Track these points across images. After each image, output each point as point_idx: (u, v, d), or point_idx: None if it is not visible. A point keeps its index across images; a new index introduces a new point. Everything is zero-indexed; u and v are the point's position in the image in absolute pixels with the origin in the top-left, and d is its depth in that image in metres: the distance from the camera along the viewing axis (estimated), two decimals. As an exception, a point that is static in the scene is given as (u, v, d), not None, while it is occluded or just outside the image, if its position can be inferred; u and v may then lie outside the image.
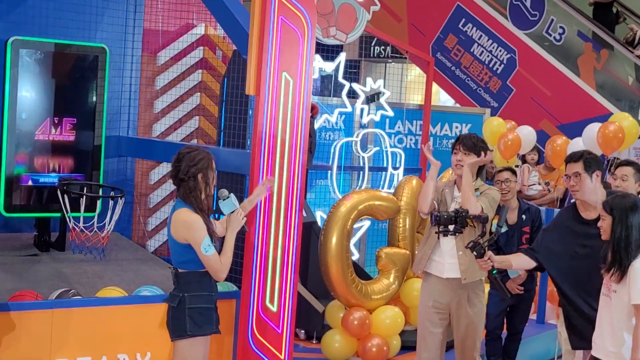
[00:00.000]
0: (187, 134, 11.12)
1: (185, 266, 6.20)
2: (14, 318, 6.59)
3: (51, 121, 9.77)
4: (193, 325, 6.16)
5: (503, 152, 11.64)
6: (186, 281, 6.20)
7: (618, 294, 6.05)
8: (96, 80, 10.08)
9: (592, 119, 13.20)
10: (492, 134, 11.78)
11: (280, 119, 7.35)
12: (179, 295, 6.19)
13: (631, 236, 6.02)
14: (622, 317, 6.04)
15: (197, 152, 6.27)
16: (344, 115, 10.94)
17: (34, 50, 9.66)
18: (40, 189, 9.76)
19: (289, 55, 7.38)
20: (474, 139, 7.29)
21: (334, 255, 8.31)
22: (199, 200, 6.20)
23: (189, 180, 6.18)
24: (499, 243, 8.64)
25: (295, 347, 8.27)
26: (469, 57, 14.74)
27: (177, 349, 6.24)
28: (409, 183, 8.89)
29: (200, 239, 6.08)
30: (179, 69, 11.12)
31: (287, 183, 7.41)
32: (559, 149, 11.49)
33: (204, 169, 6.22)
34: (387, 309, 8.58)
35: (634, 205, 6.10)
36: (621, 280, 6.01)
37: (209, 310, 6.27)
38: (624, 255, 6.01)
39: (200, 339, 6.23)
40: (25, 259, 9.35)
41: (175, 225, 6.17)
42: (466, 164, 7.13)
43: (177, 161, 6.28)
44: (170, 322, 6.25)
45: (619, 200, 6.15)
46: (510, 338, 8.94)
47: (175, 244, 6.21)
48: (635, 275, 5.95)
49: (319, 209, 10.48)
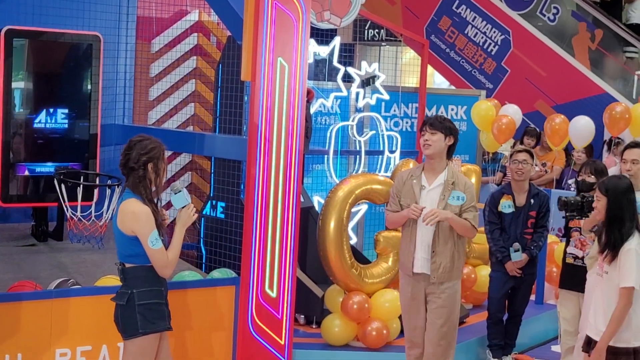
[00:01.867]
0: (183, 120, 11.10)
1: (132, 260, 5.95)
2: (14, 308, 6.59)
3: (46, 110, 9.75)
4: (145, 322, 5.92)
5: (497, 136, 11.63)
6: (134, 276, 5.95)
7: (609, 276, 6.18)
8: (91, 69, 10.06)
9: (587, 98, 13.22)
10: (481, 118, 11.77)
11: (276, 104, 7.33)
12: (127, 292, 5.93)
13: (625, 218, 6.11)
14: (612, 298, 6.16)
15: (150, 141, 6.03)
16: (339, 99, 10.92)
17: (27, 39, 9.62)
18: (36, 179, 9.76)
19: (284, 40, 7.36)
20: (440, 119, 7.20)
21: (332, 240, 8.31)
22: (148, 190, 5.97)
23: (138, 169, 5.94)
24: (504, 223, 8.66)
25: (295, 332, 8.28)
26: (463, 39, 14.71)
27: (128, 348, 6.01)
28: (406, 166, 8.87)
29: (148, 232, 5.84)
30: (174, 56, 11.10)
31: (284, 168, 7.40)
32: (557, 127, 11.48)
33: (155, 159, 5.98)
34: (386, 292, 8.58)
35: (628, 188, 6.19)
36: (612, 262, 6.12)
37: (159, 306, 6.02)
38: (617, 236, 6.10)
39: (152, 336, 5.99)
40: (24, 249, 9.35)
41: (123, 216, 5.90)
42: (444, 216, 6.95)
43: (127, 149, 6.02)
44: (120, 320, 5.99)
45: (614, 181, 6.26)
46: (512, 320, 8.96)
47: (121, 236, 5.94)
48: (625, 257, 6.06)
49: (316, 194, 10.47)
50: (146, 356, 6.00)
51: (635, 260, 6.05)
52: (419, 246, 7.12)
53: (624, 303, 6.07)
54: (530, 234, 8.71)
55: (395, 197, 7.25)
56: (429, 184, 7.14)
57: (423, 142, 7.14)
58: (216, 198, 9.86)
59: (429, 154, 7.10)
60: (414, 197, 7.11)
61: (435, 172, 7.15)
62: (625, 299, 6.06)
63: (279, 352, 7.58)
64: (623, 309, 6.08)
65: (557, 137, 11.43)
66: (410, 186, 7.18)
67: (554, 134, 11.51)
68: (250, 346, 7.45)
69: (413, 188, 7.15)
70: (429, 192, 7.12)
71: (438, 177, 7.13)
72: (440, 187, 7.09)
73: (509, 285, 8.77)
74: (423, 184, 7.15)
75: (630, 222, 6.15)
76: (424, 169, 7.21)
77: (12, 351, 6.56)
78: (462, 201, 7.06)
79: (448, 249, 7.07)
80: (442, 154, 7.14)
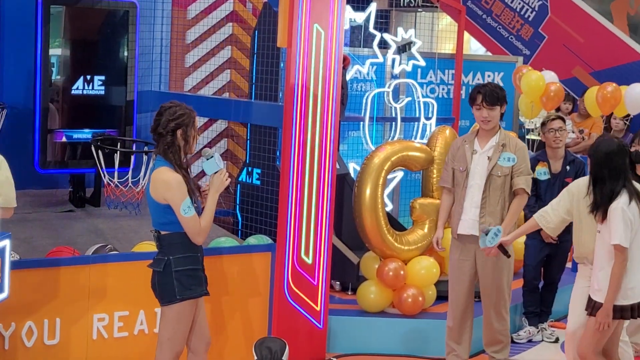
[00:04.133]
0: (219, 87, 11.11)
1: (166, 227, 5.94)
2: (52, 274, 6.65)
3: (83, 77, 9.79)
4: (182, 288, 5.93)
5: (545, 104, 11.52)
6: (169, 243, 5.94)
7: (602, 235, 6.32)
8: (127, 36, 10.08)
9: (626, 65, 13.06)
10: (531, 88, 11.63)
11: (312, 71, 7.32)
12: (163, 258, 5.94)
13: (613, 178, 6.23)
14: (604, 256, 6.32)
15: (179, 108, 6.01)
16: (375, 66, 10.87)
17: (64, 6, 9.65)
18: (74, 145, 9.82)
19: (320, 6, 7.33)
20: (495, 92, 7.18)
21: (368, 207, 8.31)
22: (178, 157, 5.96)
23: (167, 135, 5.94)
24: (539, 190, 8.62)
25: (331, 298, 8.31)
26: (500, 5, 14.56)
27: (166, 314, 6.03)
28: (442, 133, 8.83)
29: (180, 200, 5.82)
30: (210, 22, 11.09)
31: (320, 135, 7.40)
32: (609, 96, 11.25)
33: (184, 125, 5.96)
34: (422, 259, 8.58)
35: (617, 149, 6.30)
36: (603, 221, 6.27)
37: (196, 272, 6.03)
38: (602, 196, 6.25)
39: (189, 302, 6.01)
40: (61, 215, 9.42)
41: (155, 184, 5.90)
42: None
43: (158, 115, 6.03)
44: (157, 287, 6.01)
45: (599, 142, 6.42)
46: (547, 288, 8.94)
47: (155, 204, 5.95)
48: (614, 215, 6.19)
49: (351, 161, 10.46)
50: (183, 322, 6.03)
51: (622, 218, 6.17)
52: (467, 207, 7.20)
53: (619, 260, 6.21)
54: (566, 201, 8.66)
55: (449, 163, 7.36)
56: (481, 148, 7.24)
57: (481, 118, 7.16)
58: (252, 165, 9.88)
59: (489, 129, 7.15)
60: (466, 162, 7.22)
61: (487, 136, 7.25)
62: (619, 256, 6.21)
63: (314, 318, 7.62)
64: (619, 266, 6.21)
65: (608, 105, 11.27)
66: (463, 151, 7.28)
67: (606, 102, 11.33)
68: (286, 312, 7.49)
69: (465, 153, 7.25)
70: (480, 155, 7.23)
71: (490, 141, 7.22)
72: (490, 150, 7.14)
73: (544, 252, 8.74)
74: (475, 148, 7.25)
75: (612, 182, 6.25)
76: (478, 134, 7.30)
77: (51, 316, 6.63)
78: (513, 162, 7.13)
79: (498, 210, 7.12)
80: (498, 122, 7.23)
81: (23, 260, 6.85)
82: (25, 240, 8.19)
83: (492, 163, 7.15)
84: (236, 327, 7.47)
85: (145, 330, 7.03)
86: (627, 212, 6.20)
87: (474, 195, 7.21)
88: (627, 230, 6.18)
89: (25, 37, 9.58)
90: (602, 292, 6.31)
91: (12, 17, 9.83)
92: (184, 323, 6.05)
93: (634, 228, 6.22)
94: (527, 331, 8.85)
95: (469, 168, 7.22)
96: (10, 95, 9.75)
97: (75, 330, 6.75)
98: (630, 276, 6.28)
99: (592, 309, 6.39)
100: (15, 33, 9.80)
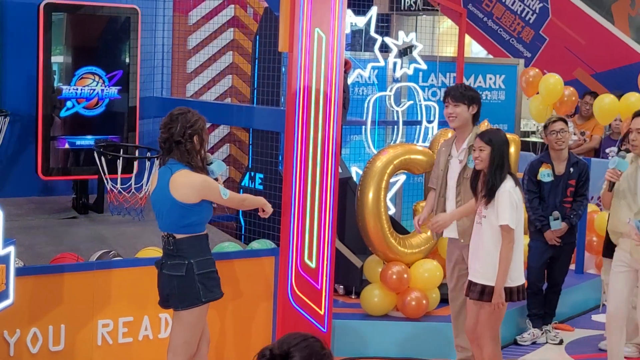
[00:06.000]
0: (221, 92, 11.12)
1: (185, 230, 5.99)
2: (56, 280, 6.66)
3: (86, 84, 9.80)
4: (205, 291, 5.99)
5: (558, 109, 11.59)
6: (189, 246, 6.00)
7: (488, 219, 6.66)
8: (129, 42, 10.08)
9: (628, 66, 13.07)
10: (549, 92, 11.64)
11: (314, 75, 7.33)
12: (183, 262, 5.97)
13: (504, 164, 6.66)
14: (491, 238, 6.64)
15: (192, 114, 6.07)
16: (376, 69, 10.89)
17: (65, 13, 9.66)
18: (77, 152, 9.80)
19: (321, 10, 7.33)
20: (461, 89, 7.36)
21: (370, 211, 8.32)
22: (197, 160, 6.03)
23: (186, 142, 5.98)
24: (543, 192, 8.64)
25: (335, 302, 8.31)
26: (500, 8, 14.59)
27: (185, 318, 6.03)
28: (444, 136, 8.84)
29: (216, 190, 6.02)
30: (211, 28, 11.10)
31: (322, 139, 7.40)
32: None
33: (200, 130, 6.04)
34: (425, 262, 8.59)
35: (507, 140, 6.81)
36: (489, 204, 6.62)
37: (215, 274, 6.12)
38: (497, 180, 6.62)
39: (207, 305, 6.07)
40: (65, 221, 9.42)
41: (180, 188, 5.93)
42: (443, 221, 7.24)
43: (170, 123, 6.04)
44: (178, 292, 6.00)
45: (495, 133, 6.85)
46: (551, 290, 8.95)
47: (178, 206, 5.95)
48: (501, 197, 6.58)
49: (354, 165, 10.47)
50: (199, 325, 6.12)
51: (509, 200, 6.55)
52: (448, 211, 7.32)
53: (506, 241, 6.56)
54: (569, 203, 8.68)
55: (435, 166, 7.44)
56: (456, 151, 7.34)
57: (447, 115, 7.27)
58: (254, 169, 9.89)
59: (455, 126, 7.26)
60: (443, 166, 7.38)
61: (461, 140, 7.36)
62: (506, 237, 6.55)
63: (318, 322, 7.61)
64: (507, 247, 6.56)
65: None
66: (440, 156, 7.46)
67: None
68: (290, 316, 7.49)
69: (441, 157, 7.42)
70: (454, 159, 7.35)
71: (463, 144, 7.31)
72: (462, 153, 7.25)
73: (548, 254, 8.75)
74: (451, 153, 7.36)
75: (506, 168, 6.69)
76: (456, 137, 7.41)
77: (56, 322, 6.64)
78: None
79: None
80: (468, 123, 7.30)
81: (27, 267, 6.85)
82: (29, 247, 8.19)
83: (461, 165, 7.26)
84: (240, 331, 7.48)
85: (150, 336, 7.04)
86: (514, 195, 6.59)
87: (451, 198, 7.33)
88: (514, 212, 6.55)
89: (27, 44, 9.57)
90: (484, 274, 6.67)
91: (13, 24, 9.83)
92: (200, 326, 6.14)
93: (519, 211, 6.62)
94: (531, 333, 8.85)
95: (446, 172, 7.38)
96: (12, 102, 9.74)
97: (80, 337, 6.76)
98: (515, 259, 6.64)
99: (479, 294, 6.70)
100: (16, 40, 9.80)
